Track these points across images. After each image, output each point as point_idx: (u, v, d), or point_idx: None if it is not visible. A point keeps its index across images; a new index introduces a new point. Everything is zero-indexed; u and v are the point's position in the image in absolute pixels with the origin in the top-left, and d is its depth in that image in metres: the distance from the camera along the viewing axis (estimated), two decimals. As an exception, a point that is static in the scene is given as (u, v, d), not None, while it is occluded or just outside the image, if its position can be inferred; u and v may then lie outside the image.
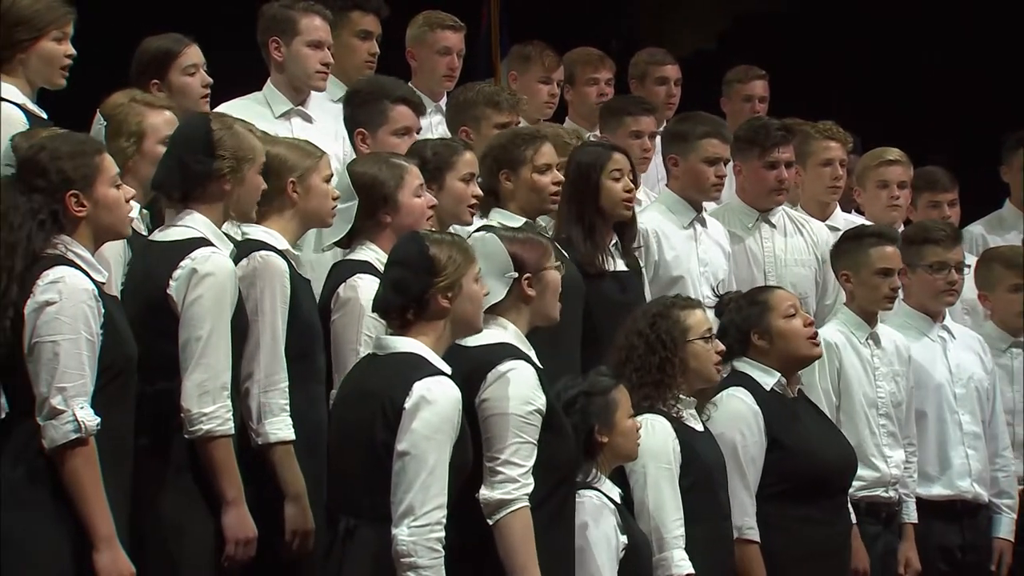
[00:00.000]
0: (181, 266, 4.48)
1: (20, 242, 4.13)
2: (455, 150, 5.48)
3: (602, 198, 5.78)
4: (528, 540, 4.43)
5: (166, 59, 5.76)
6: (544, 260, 4.68)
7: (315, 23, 6.11)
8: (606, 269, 5.76)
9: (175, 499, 4.45)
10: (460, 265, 4.40)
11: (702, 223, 6.36)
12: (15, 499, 4.10)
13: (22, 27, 5.26)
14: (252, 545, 4.50)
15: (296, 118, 6.14)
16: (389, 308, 4.43)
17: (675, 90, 7.47)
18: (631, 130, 6.65)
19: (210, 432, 4.43)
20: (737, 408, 5.41)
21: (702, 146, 6.30)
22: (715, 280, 6.18)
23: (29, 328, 4.12)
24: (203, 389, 4.43)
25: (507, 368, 4.50)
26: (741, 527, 5.31)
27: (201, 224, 4.57)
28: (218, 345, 4.45)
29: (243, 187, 4.63)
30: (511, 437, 4.45)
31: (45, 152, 4.21)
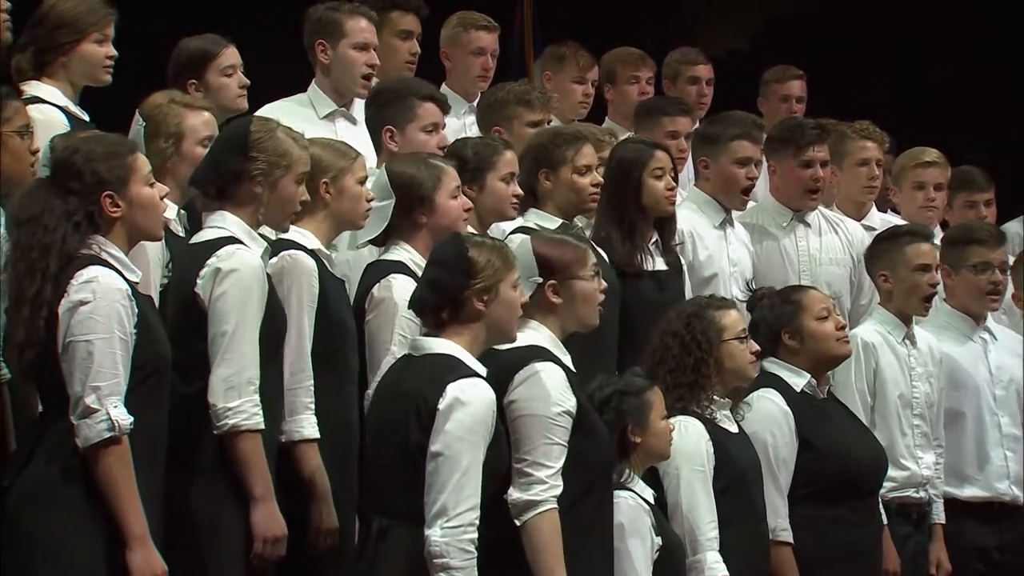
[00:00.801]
0: (207, 264, 4.48)
1: (55, 243, 4.13)
2: (496, 149, 5.46)
3: (644, 196, 5.77)
4: (555, 542, 4.40)
5: (204, 60, 5.77)
6: (576, 267, 4.63)
7: (361, 25, 6.11)
8: (644, 268, 5.75)
9: (207, 497, 4.44)
10: (498, 270, 4.38)
11: (731, 223, 6.35)
12: (49, 497, 4.10)
13: (63, 30, 5.30)
14: (282, 543, 4.48)
15: (341, 119, 6.14)
16: (424, 307, 4.41)
17: (707, 90, 7.46)
18: (667, 130, 6.62)
19: (236, 427, 4.42)
20: (768, 409, 5.37)
21: (733, 148, 6.28)
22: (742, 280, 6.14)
23: (63, 327, 4.11)
24: (229, 384, 4.42)
25: (535, 370, 4.48)
26: (774, 529, 5.28)
27: (232, 224, 4.56)
28: (244, 340, 4.44)
29: (275, 193, 4.60)
30: (539, 438, 4.43)
31: (79, 154, 4.21)
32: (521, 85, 6.43)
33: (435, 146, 5.57)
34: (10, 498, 4.13)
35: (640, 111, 6.87)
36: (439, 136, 5.63)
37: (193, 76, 5.72)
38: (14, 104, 4.52)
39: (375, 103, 5.75)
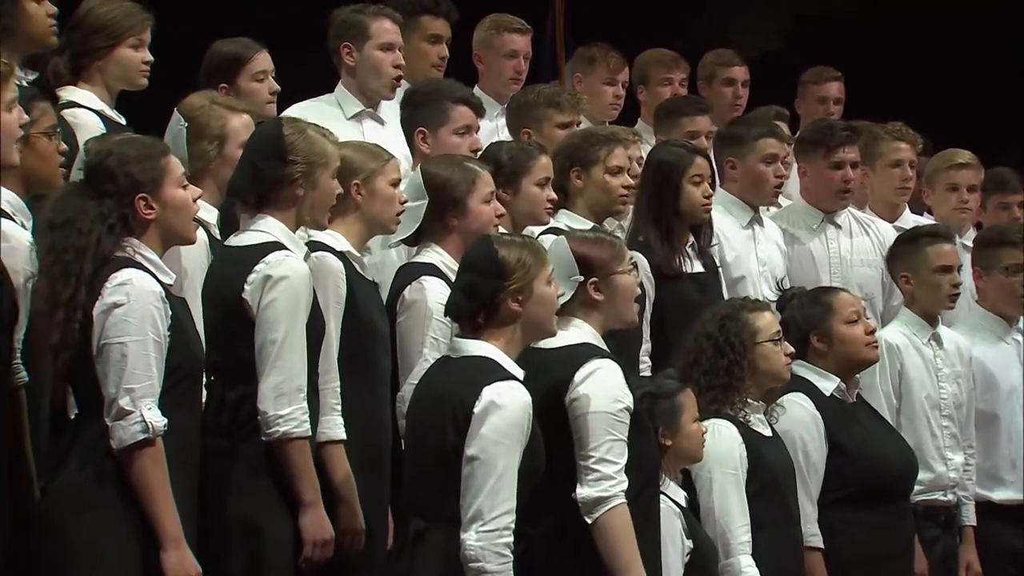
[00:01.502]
0: (255, 270, 4.47)
1: (89, 246, 4.15)
2: (531, 154, 5.47)
3: (682, 201, 5.77)
4: (629, 536, 4.40)
5: (236, 64, 5.78)
6: (614, 263, 4.63)
7: (386, 26, 6.10)
8: (683, 271, 5.75)
9: (254, 502, 4.44)
10: (531, 268, 4.37)
11: (759, 223, 6.33)
12: (84, 499, 4.11)
13: (99, 34, 5.33)
14: (330, 546, 4.50)
15: (368, 120, 6.14)
16: (460, 313, 4.41)
17: (742, 91, 7.45)
18: (687, 131, 6.60)
19: (287, 434, 4.42)
20: (797, 414, 5.36)
21: (759, 146, 6.27)
22: (772, 280, 6.13)
23: (97, 330, 4.12)
24: (279, 391, 4.42)
25: (596, 366, 4.47)
26: (804, 534, 5.26)
27: (275, 228, 4.56)
28: (293, 347, 4.44)
29: (316, 191, 4.61)
30: (604, 435, 4.43)
31: (112, 157, 4.22)
32: (551, 87, 6.44)
33: (467, 149, 5.58)
34: (45, 500, 4.15)
35: (659, 112, 6.87)
36: (472, 139, 5.64)
37: (224, 80, 5.73)
38: (41, 105, 4.53)
39: (408, 105, 5.76)
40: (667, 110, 6.81)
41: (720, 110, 7.18)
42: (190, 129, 4.93)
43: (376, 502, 4.78)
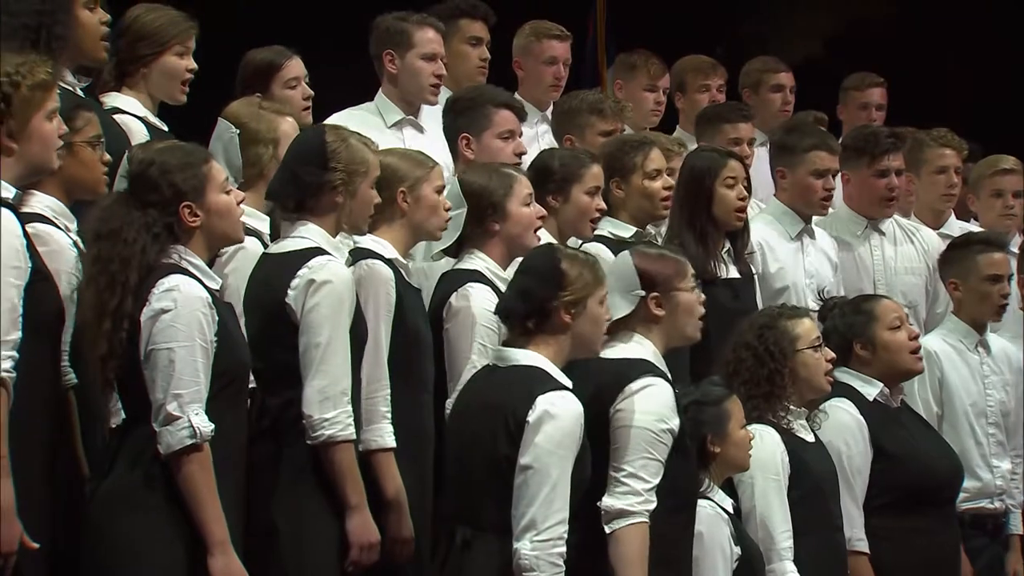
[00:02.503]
0: (299, 275, 4.51)
1: (135, 255, 4.18)
2: (583, 163, 5.50)
3: (715, 205, 5.78)
4: (643, 556, 4.42)
5: (269, 71, 5.84)
6: (676, 280, 4.65)
7: (429, 35, 6.15)
8: (718, 276, 5.75)
9: (299, 506, 4.48)
10: (588, 284, 4.40)
11: (810, 234, 6.33)
12: (132, 503, 4.15)
13: (145, 42, 5.38)
14: (376, 550, 4.53)
15: (408, 128, 6.18)
16: (511, 314, 4.44)
17: (790, 97, 7.45)
18: (729, 137, 6.61)
19: (331, 437, 4.46)
20: (841, 419, 5.36)
21: (810, 159, 6.26)
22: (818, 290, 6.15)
23: (145, 335, 4.16)
24: (324, 395, 4.46)
25: (646, 383, 4.49)
26: (850, 539, 5.26)
27: (316, 234, 4.60)
28: (337, 351, 4.48)
29: (355, 200, 4.65)
30: (641, 451, 4.45)
31: (155, 167, 4.26)
32: (594, 94, 6.45)
33: (511, 153, 5.63)
34: (94, 504, 4.19)
35: (701, 119, 6.87)
36: (515, 143, 5.68)
37: (258, 88, 5.77)
38: (86, 115, 4.56)
39: (452, 111, 5.80)
40: (709, 116, 6.82)
41: (768, 117, 7.19)
42: (242, 136, 4.99)
43: (420, 510, 4.80)
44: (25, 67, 4.15)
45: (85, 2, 5.10)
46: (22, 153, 4.14)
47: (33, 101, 4.14)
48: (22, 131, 4.12)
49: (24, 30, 4.88)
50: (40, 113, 4.15)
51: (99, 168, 4.51)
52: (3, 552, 3.94)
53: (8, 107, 4.10)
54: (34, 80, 4.14)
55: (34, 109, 4.14)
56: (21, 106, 4.12)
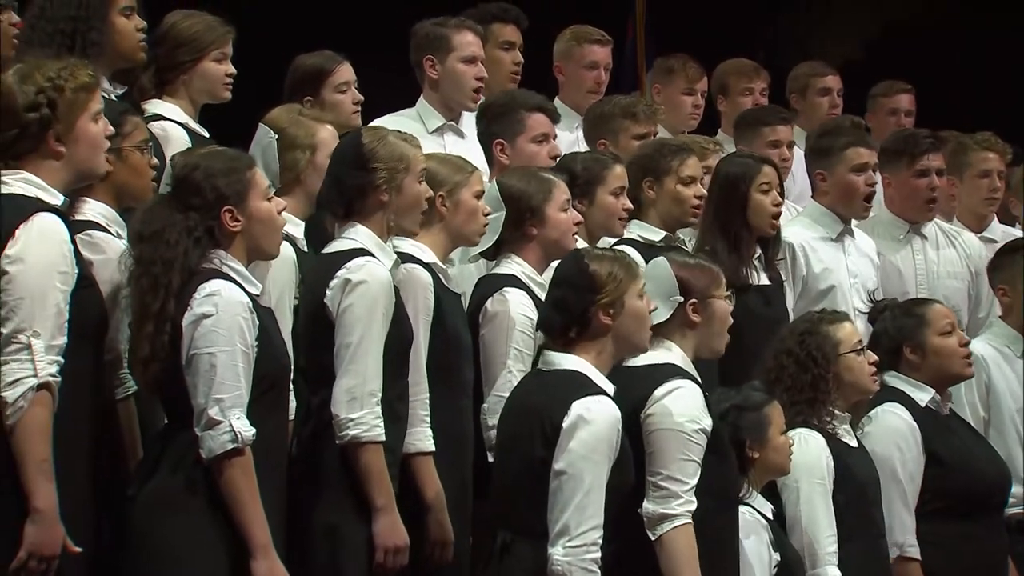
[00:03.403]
0: (337, 276, 4.57)
1: (177, 258, 4.23)
2: (605, 164, 5.52)
3: (750, 211, 5.79)
4: (692, 556, 4.44)
5: (319, 76, 5.87)
6: (712, 288, 4.70)
7: (468, 39, 6.19)
8: (750, 282, 5.77)
9: (330, 507, 4.51)
10: (622, 281, 4.43)
11: (850, 234, 6.33)
12: (174, 507, 4.19)
13: (183, 48, 5.43)
14: (404, 553, 4.55)
15: (449, 133, 6.23)
16: (552, 328, 4.47)
17: (838, 100, 7.44)
18: (768, 140, 6.63)
19: (357, 437, 4.49)
20: (894, 424, 5.37)
21: (848, 156, 6.27)
22: (864, 291, 6.14)
23: (186, 340, 4.20)
24: (351, 395, 4.50)
25: (675, 386, 4.52)
26: (902, 544, 5.28)
27: (363, 236, 4.65)
28: (368, 352, 4.52)
29: (401, 196, 4.70)
30: (676, 453, 4.47)
31: (199, 171, 4.30)
32: (627, 98, 6.47)
33: (546, 156, 5.65)
34: (136, 507, 4.22)
35: (740, 122, 6.88)
36: (550, 146, 5.71)
37: (308, 92, 5.82)
38: (134, 120, 4.62)
39: (485, 117, 5.83)
40: (748, 120, 6.84)
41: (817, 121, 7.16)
42: (280, 141, 5.02)
43: (460, 513, 4.83)
44: (67, 71, 4.20)
45: (122, 8, 5.16)
46: (70, 157, 4.19)
47: (77, 103, 4.19)
48: (68, 134, 4.18)
49: (60, 36, 4.97)
50: (85, 115, 4.21)
51: (148, 173, 4.57)
52: (46, 555, 3.99)
53: (53, 111, 4.16)
54: (77, 83, 4.20)
55: (79, 111, 4.20)
56: (66, 109, 4.18)
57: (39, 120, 4.15)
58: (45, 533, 3.98)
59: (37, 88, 4.15)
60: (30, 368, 3.99)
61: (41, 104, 4.15)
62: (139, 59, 5.25)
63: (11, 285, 4.02)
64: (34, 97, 4.14)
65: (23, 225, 4.05)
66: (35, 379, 3.99)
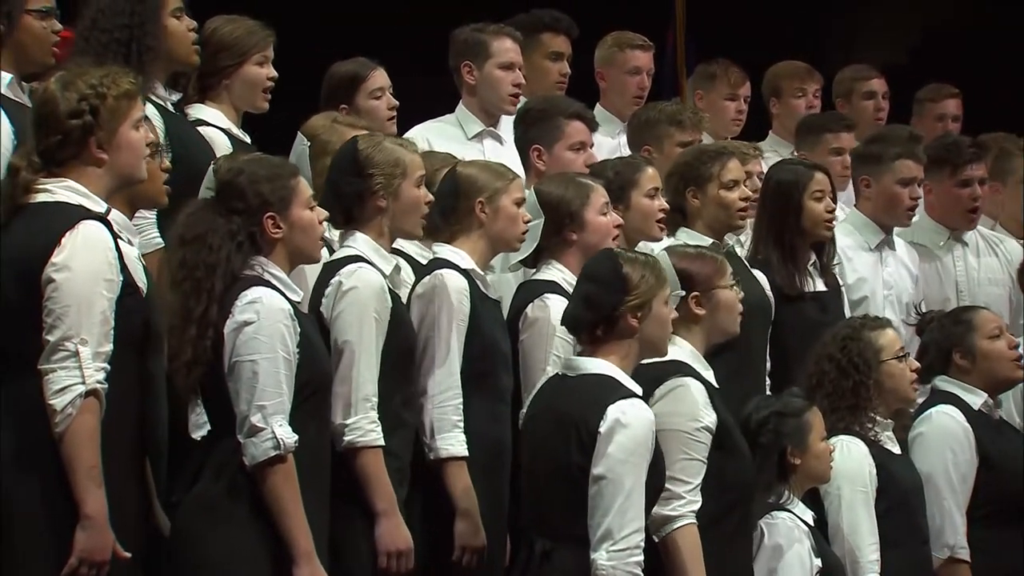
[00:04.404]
0: (331, 283, 4.64)
1: (219, 263, 4.28)
2: (637, 167, 5.54)
3: (803, 219, 5.80)
4: (696, 556, 4.48)
5: (353, 83, 5.92)
6: (716, 278, 4.72)
7: (506, 45, 6.23)
8: (805, 290, 5.79)
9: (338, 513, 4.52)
10: (652, 286, 4.47)
11: (890, 245, 6.35)
12: (217, 514, 4.24)
13: (225, 53, 5.46)
14: (408, 556, 4.58)
15: (488, 139, 6.27)
16: (579, 324, 4.51)
17: (883, 103, 7.42)
18: (831, 147, 6.63)
19: (352, 443, 4.54)
20: (948, 425, 5.41)
21: (896, 167, 6.29)
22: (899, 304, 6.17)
23: (228, 348, 4.25)
24: (346, 401, 4.54)
25: (674, 384, 4.57)
26: (953, 546, 5.31)
27: (360, 242, 4.71)
28: (360, 358, 4.57)
29: (399, 201, 4.74)
30: (678, 453, 4.51)
31: (243, 176, 4.36)
32: (672, 105, 6.48)
33: (583, 164, 5.68)
34: (179, 514, 4.29)
35: (802, 128, 6.86)
36: (587, 154, 5.75)
37: (344, 99, 5.87)
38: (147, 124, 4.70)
39: (523, 123, 5.87)
40: (810, 126, 6.82)
41: (863, 125, 7.13)
42: (312, 148, 5.10)
43: (496, 519, 4.88)
44: (109, 78, 4.26)
45: (172, 11, 5.21)
46: (111, 163, 4.24)
47: (119, 111, 4.24)
48: (110, 141, 4.23)
49: (115, 44, 5.02)
50: (127, 122, 4.26)
51: (160, 177, 4.56)
52: (96, 561, 4.05)
53: (96, 118, 4.21)
54: (119, 90, 4.25)
55: (121, 118, 4.25)
56: (108, 116, 4.23)
57: (81, 127, 4.20)
58: (96, 539, 4.04)
59: (79, 95, 4.20)
60: (78, 375, 4.05)
61: (84, 111, 4.20)
62: (193, 61, 5.30)
63: (58, 293, 4.07)
64: (76, 104, 4.20)
65: (69, 233, 4.11)
66: (83, 386, 4.05)
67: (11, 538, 4.07)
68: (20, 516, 4.07)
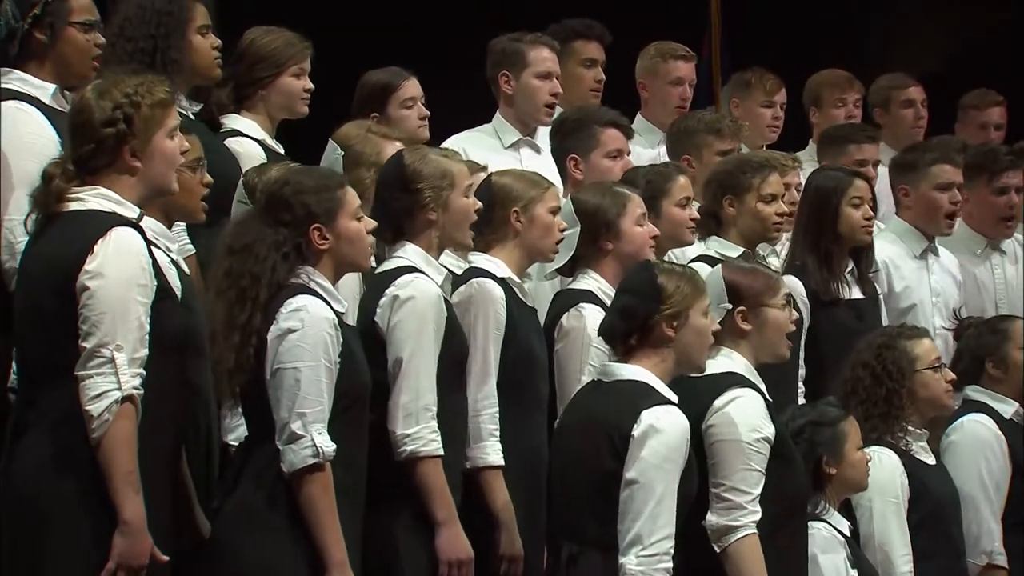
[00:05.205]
0: (386, 294, 4.66)
1: (265, 273, 4.32)
2: (669, 176, 5.57)
3: (840, 224, 5.84)
4: (759, 567, 4.52)
5: (385, 92, 5.98)
6: (766, 296, 4.74)
7: (543, 54, 6.29)
8: (841, 297, 5.82)
9: (390, 524, 4.59)
10: (688, 296, 4.51)
11: (934, 252, 6.38)
12: (255, 521, 4.29)
13: (262, 64, 5.56)
14: (468, 567, 4.63)
15: (525, 148, 6.32)
16: (614, 334, 4.56)
17: (922, 112, 7.41)
18: (855, 159, 6.63)
19: (414, 453, 4.57)
20: (980, 433, 5.44)
21: (933, 173, 6.32)
22: (947, 310, 6.20)
23: (271, 354, 4.29)
24: (407, 411, 4.58)
25: (735, 395, 4.59)
26: (991, 552, 5.34)
27: (412, 254, 4.74)
28: (420, 367, 4.60)
29: (448, 213, 4.77)
30: (738, 464, 4.54)
31: (290, 187, 4.40)
32: (711, 114, 6.52)
33: (619, 172, 5.72)
34: (218, 520, 4.35)
35: (824, 139, 6.88)
36: (624, 161, 5.79)
37: (375, 108, 5.92)
38: (188, 138, 4.66)
39: (558, 132, 5.92)
40: (833, 136, 6.83)
41: (902, 134, 7.19)
42: (347, 157, 5.14)
43: (533, 528, 4.91)
44: (143, 87, 4.29)
45: (199, 27, 5.29)
46: (145, 172, 4.26)
47: (154, 119, 4.27)
48: (144, 150, 4.25)
49: (140, 54, 5.10)
50: (162, 131, 4.29)
51: (198, 191, 4.60)
52: (134, 566, 4.09)
53: (130, 127, 4.24)
54: (154, 99, 4.28)
55: (156, 127, 4.27)
56: (143, 125, 4.25)
57: (115, 135, 4.23)
58: (134, 544, 4.08)
59: (114, 104, 4.23)
60: (114, 381, 4.09)
61: (118, 120, 4.23)
62: (215, 76, 5.37)
63: (92, 300, 4.11)
64: (111, 112, 4.22)
65: (101, 240, 4.14)
66: (119, 392, 4.08)
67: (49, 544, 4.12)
68: (58, 522, 4.11)
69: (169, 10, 5.21)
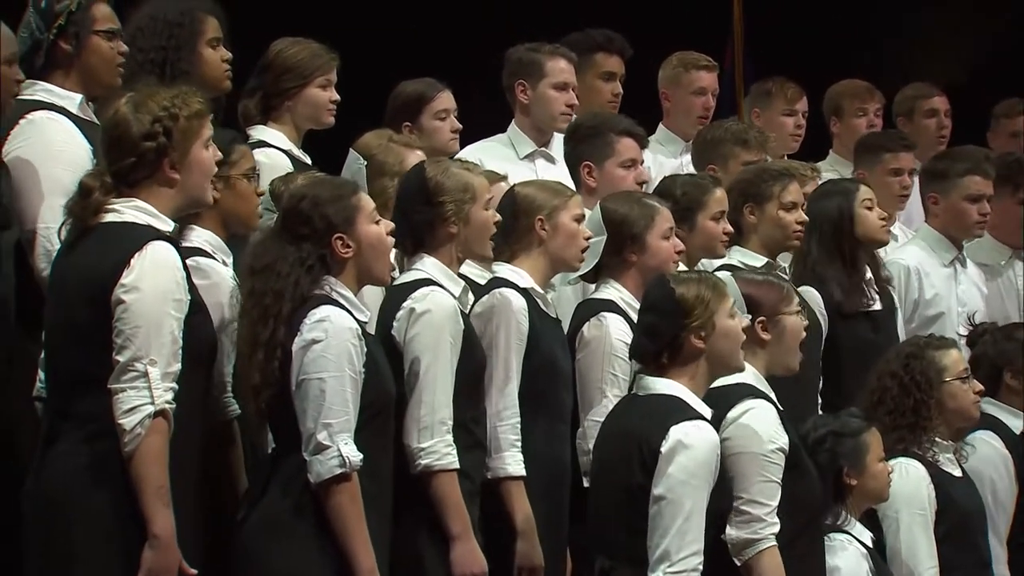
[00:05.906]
0: (403, 306, 4.69)
1: (287, 288, 4.35)
2: (706, 188, 5.58)
3: (857, 226, 5.86)
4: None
5: (419, 103, 6.03)
6: (782, 304, 4.75)
7: (561, 65, 6.31)
8: (860, 309, 5.83)
9: (405, 536, 4.58)
10: (710, 302, 4.51)
11: (962, 262, 6.41)
12: (282, 531, 4.31)
13: (289, 75, 5.60)
14: None
15: (540, 159, 6.35)
16: (644, 354, 4.56)
17: (946, 122, 7.43)
18: (890, 167, 6.66)
19: (429, 467, 4.59)
20: (986, 452, 5.44)
21: (964, 183, 6.35)
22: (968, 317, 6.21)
23: (296, 366, 4.32)
24: (422, 424, 4.59)
25: (748, 407, 4.60)
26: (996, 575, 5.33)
27: (431, 266, 4.77)
28: (436, 380, 4.62)
29: (469, 226, 4.80)
30: (755, 476, 4.54)
31: (306, 200, 4.43)
32: (738, 124, 6.53)
33: (633, 181, 5.75)
34: (245, 530, 4.37)
35: (860, 147, 6.88)
36: (637, 171, 5.81)
37: (408, 119, 5.97)
38: (241, 148, 4.76)
39: (573, 139, 5.94)
40: (868, 145, 6.84)
41: (925, 144, 7.17)
42: (370, 167, 5.17)
43: (555, 539, 4.94)
44: (180, 99, 4.33)
45: (209, 40, 5.32)
46: (182, 184, 4.32)
47: (191, 131, 4.32)
48: (183, 161, 4.31)
49: (150, 65, 5.14)
50: (199, 142, 4.34)
51: (255, 200, 4.70)
52: None
53: (170, 139, 4.29)
54: (190, 110, 4.33)
55: (193, 139, 4.32)
56: (181, 137, 4.30)
57: (155, 148, 4.28)
58: (163, 557, 4.12)
59: (153, 117, 4.28)
60: (147, 396, 4.13)
61: (158, 133, 4.27)
62: (224, 88, 5.40)
63: (127, 314, 4.15)
64: (150, 126, 4.27)
65: (137, 254, 4.18)
66: (152, 406, 4.12)
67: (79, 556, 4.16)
68: (88, 534, 4.16)
69: (180, 22, 5.25)
